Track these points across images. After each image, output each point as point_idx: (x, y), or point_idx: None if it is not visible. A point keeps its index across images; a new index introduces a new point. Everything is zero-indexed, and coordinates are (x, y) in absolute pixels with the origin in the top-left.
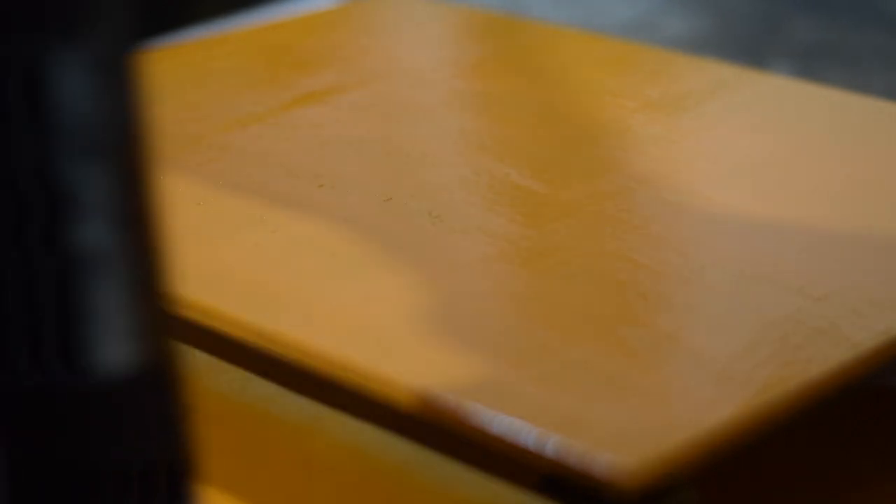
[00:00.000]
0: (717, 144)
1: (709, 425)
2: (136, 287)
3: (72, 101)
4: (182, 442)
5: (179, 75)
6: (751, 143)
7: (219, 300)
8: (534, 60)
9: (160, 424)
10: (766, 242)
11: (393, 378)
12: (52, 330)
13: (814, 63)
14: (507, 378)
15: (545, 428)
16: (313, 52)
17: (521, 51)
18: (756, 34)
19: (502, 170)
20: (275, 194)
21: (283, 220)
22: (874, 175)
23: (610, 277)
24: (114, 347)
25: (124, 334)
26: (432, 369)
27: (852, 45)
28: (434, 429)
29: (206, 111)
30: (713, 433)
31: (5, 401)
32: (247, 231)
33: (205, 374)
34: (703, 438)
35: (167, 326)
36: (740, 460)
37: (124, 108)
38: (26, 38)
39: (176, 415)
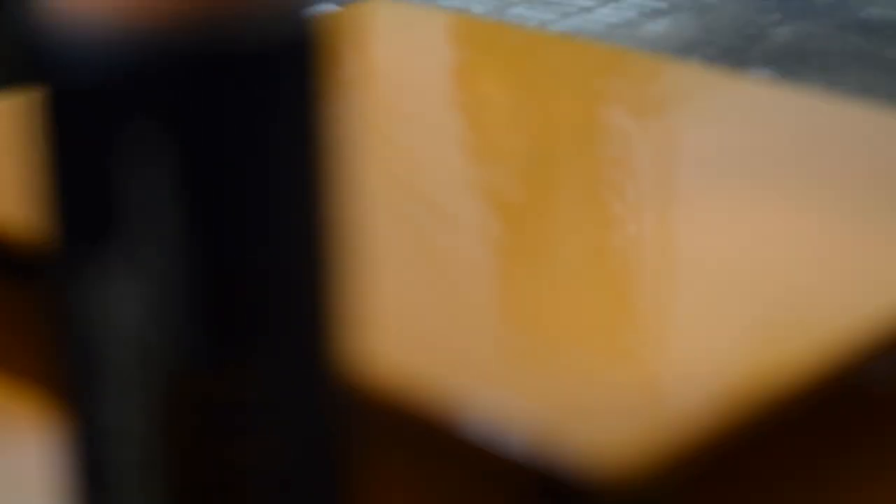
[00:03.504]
0: (702, 147)
1: (703, 427)
2: None
3: (109, 323)
4: None
5: None
6: (735, 146)
7: None
8: (520, 65)
9: None
10: (760, 243)
11: (386, 380)
12: None
13: (793, 67)
14: (500, 380)
15: (537, 430)
16: None
17: (508, 55)
18: (738, 39)
19: (491, 172)
20: None
21: None
22: (852, 177)
23: (604, 279)
24: None
25: None
26: (422, 371)
27: (830, 50)
28: (425, 430)
29: None
30: (708, 435)
31: None
32: None
33: None
34: (697, 440)
35: None
36: (737, 462)
37: (160, 335)
38: (74, 269)
39: None
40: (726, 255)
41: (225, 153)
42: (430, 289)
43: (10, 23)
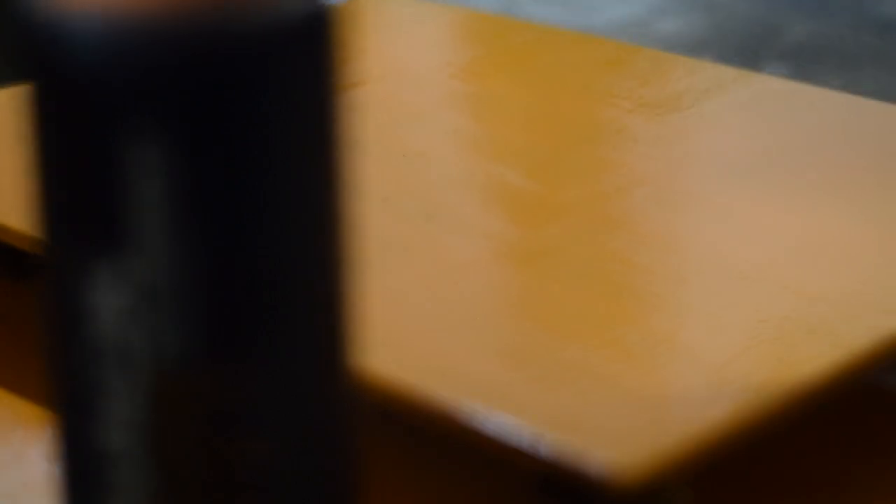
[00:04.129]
0: (713, 145)
1: (704, 425)
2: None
3: (106, 320)
4: None
5: None
6: (746, 144)
7: None
8: (528, 61)
9: None
10: (762, 243)
11: (385, 378)
12: None
13: (807, 64)
14: (501, 378)
15: (539, 428)
16: None
17: (515, 51)
18: (751, 35)
19: (498, 170)
20: None
21: None
22: (868, 175)
23: (606, 278)
24: None
25: None
26: (425, 369)
27: (845, 47)
28: (428, 428)
29: None
30: (709, 433)
31: None
32: None
33: None
34: (698, 439)
35: None
36: (737, 461)
37: (157, 332)
38: (72, 264)
39: None
40: (738, 254)
41: (223, 149)
42: (434, 286)
43: (11, 16)
